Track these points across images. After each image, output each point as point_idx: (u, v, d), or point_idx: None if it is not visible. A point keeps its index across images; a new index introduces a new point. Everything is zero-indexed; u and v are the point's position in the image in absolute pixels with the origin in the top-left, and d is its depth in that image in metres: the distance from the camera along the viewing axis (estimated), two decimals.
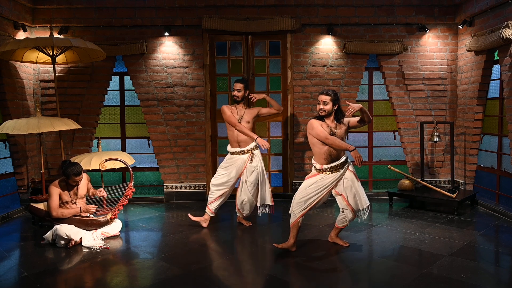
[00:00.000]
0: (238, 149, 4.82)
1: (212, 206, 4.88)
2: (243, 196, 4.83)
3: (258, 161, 4.82)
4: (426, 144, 6.34)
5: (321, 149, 3.91)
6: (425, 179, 6.22)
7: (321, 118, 3.96)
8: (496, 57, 5.47)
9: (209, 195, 4.94)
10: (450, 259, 3.83)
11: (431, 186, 5.77)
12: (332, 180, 3.95)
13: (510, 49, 4.96)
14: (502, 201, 5.60)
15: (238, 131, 4.79)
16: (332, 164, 3.92)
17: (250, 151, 4.79)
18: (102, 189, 4.79)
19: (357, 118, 4.01)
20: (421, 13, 6.15)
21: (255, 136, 4.75)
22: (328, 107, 3.90)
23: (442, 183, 6.38)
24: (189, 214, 5.05)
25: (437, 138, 5.97)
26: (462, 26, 5.93)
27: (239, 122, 4.80)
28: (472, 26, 5.82)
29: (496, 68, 5.70)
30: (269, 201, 4.86)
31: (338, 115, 3.97)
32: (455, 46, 6.31)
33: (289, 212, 4.04)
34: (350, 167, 4.02)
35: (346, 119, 4.03)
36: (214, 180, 4.89)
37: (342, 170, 3.96)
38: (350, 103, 3.88)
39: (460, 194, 5.61)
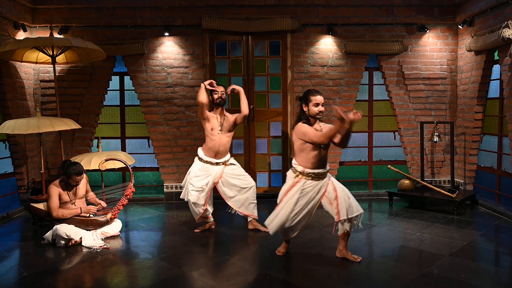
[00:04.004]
0: (213, 160, 4.61)
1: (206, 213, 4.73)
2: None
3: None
4: (426, 144, 6.34)
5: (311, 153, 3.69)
6: (425, 179, 6.22)
7: (309, 122, 3.72)
8: (496, 57, 5.47)
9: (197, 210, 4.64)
10: (450, 259, 3.83)
11: (431, 186, 5.77)
12: (317, 196, 3.74)
13: (510, 49, 4.96)
14: (502, 201, 5.60)
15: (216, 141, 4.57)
16: (319, 171, 3.70)
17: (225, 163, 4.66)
18: (103, 202, 4.79)
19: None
20: (421, 13, 6.15)
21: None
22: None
23: (442, 183, 6.38)
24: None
25: (437, 138, 5.97)
26: (462, 26, 5.94)
27: (220, 131, 4.58)
28: (472, 26, 5.82)
29: (496, 68, 5.70)
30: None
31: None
32: (455, 46, 6.31)
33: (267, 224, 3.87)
34: (332, 178, 3.83)
35: (327, 125, 3.79)
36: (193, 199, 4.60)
37: (325, 179, 3.78)
38: None
39: (460, 194, 5.61)
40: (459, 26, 6.00)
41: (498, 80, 5.63)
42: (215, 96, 4.61)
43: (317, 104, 3.67)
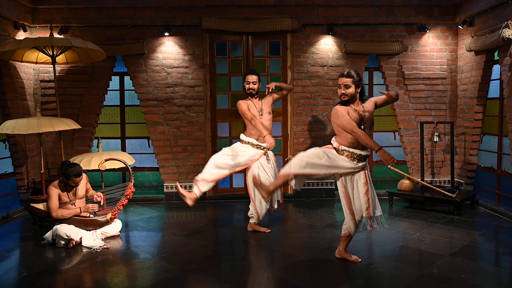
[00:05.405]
0: (255, 142, 4.52)
1: (204, 188, 4.44)
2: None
3: (272, 160, 4.64)
4: (426, 144, 6.34)
5: (347, 135, 3.56)
6: (425, 179, 6.22)
7: (345, 103, 3.58)
8: (496, 57, 5.47)
9: (205, 173, 4.44)
10: (450, 259, 3.83)
11: (431, 186, 5.77)
12: (344, 165, 3.56)
13: (510, 49, 4.96)
14: (502, 201, 5.60)
15: (254, 125, 4.44)
16: (356, 151, 3.55)
17: (265, 149, 4.53)
18: (100, 194, 4.75)
19: (383, 97, 3.70)
20: (421, 13, 6.15)
21: (264, 133, 4.32)
22: (351, 90, 3.52)
23: (442, 183, 6.38)
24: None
25: (437, 138, 5.97)
26: (462, 26, 5.94)
27: (260, 116, 4.56)
28: (472, 26, 5.82)
29: (496, 68, 5.70)
30: (280, 198, 4.73)
31: (362, 96, 3.64)
32: (455, 46, 6.31)
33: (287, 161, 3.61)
34: (367, 170, 3.72)
35: (372, 100, 3.70)
36: (219, 158, 4.46)
37: (360, 165, 3.61)
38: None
39: (460, 194, 5.61)
40: (459, 26, 6.00)
41: (498, 80, 5.63)
42: (246, 87, 4.60)
43: (339, 86, 3.56)
